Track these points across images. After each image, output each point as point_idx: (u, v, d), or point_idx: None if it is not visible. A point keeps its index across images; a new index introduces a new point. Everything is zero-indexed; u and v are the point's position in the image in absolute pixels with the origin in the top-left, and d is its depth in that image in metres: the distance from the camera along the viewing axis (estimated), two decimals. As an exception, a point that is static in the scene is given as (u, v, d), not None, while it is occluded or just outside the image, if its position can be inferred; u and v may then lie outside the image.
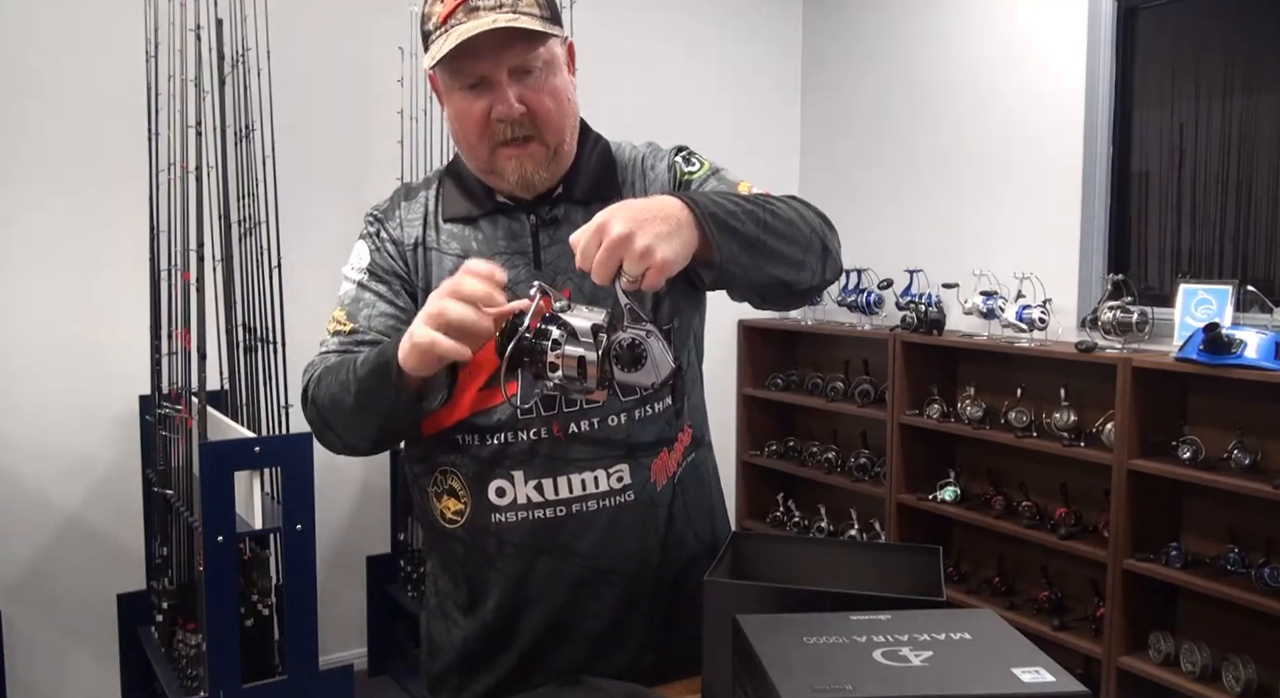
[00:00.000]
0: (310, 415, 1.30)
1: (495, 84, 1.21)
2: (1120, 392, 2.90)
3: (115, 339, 3.14)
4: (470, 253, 1.31)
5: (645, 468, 1.33)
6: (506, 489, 1.29)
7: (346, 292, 1.35)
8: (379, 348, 1.19)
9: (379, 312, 1.32)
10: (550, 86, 1.24)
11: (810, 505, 4.18)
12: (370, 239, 1.36)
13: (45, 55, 3.03)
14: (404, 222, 1.35)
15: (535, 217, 1.31)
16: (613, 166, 1.36)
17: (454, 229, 1.33)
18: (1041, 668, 0.95)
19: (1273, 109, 2.99)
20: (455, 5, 1.20)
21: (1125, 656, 2.95)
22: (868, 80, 4.11)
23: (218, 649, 2.30)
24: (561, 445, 1.28)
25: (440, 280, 1.23)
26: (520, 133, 1.23)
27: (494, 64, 1.20)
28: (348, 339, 1.31)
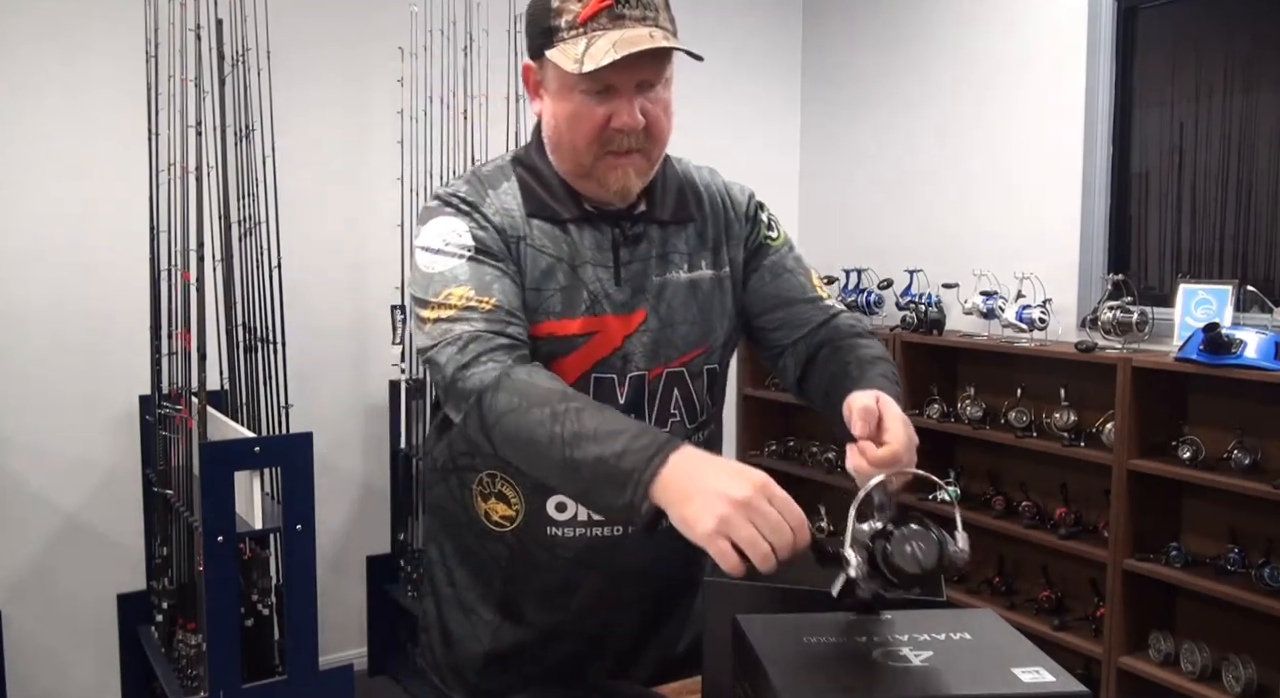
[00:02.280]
0: (471, 423, 1.14)
1: (621, 93, 1.20)
2: (1120, 392, 2.90)
3: (115, 339, 3.14)
4: (563, 257, 1.26)
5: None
6: (568, 505, 1.29)
7: (453, 267, 1.21)
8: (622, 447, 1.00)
9: (509, 290, 1.21)
10: (665, 102, 1.25)
11: (810, 505, 4.18)
12: (467, 218, 1.25)
13: (45, 55, 3.02)
14: (500, 211, 1.27)
15: (619, 230, 1.29)
16: (684, 188, 1.35)
17: (544, 227, 1.27)
18: (1041, 668, 0.95)
19: (1273, 109, 2.99)
20: (600, 7, 1.18)
21: (1125, 656, 2.95)
22: (867, 80, 4.11)
23: (218, 649, 2.30)
24: None
25: (534, 280, 1.24)
26: (632, 145, 1.22)
27: (629, 75, 1.19)
28: (494, 314, 1.17)
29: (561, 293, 1.25)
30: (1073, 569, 3.24)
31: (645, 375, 1.28)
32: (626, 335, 1.27)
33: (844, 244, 4.18)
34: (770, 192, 4.77)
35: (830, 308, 1.38)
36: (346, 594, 3.55)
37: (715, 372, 1.35)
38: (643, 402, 1.28)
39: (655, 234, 1.30)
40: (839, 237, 4.24)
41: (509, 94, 3.11)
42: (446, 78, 3.31)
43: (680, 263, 1.31)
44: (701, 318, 1.32)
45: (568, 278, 1.26)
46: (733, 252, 1.36)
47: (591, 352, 1.26)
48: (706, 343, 1.33)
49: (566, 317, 1.25)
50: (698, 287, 1.32)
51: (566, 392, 1.11)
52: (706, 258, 1.33)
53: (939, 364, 3.65)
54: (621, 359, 1.27)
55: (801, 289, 1.38)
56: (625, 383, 1.27)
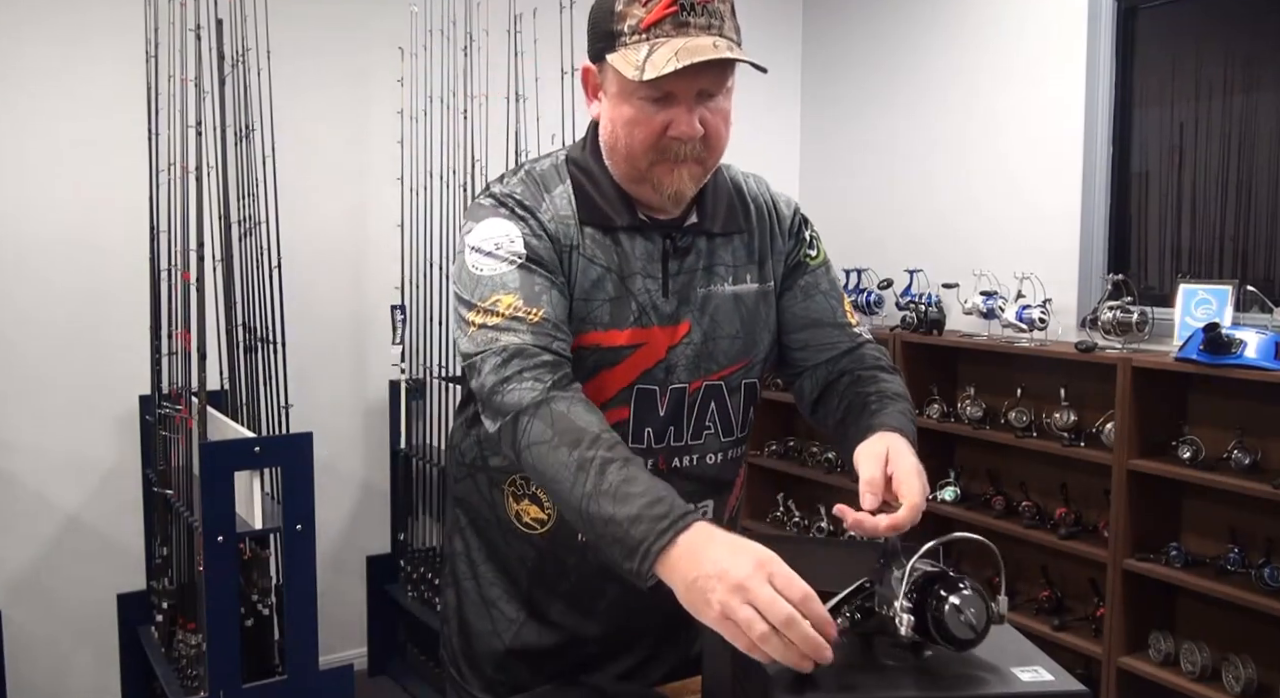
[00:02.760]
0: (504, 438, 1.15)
1: (680, 102, 1.18)
2: (1120, 392, 2.90)
3: (115, 339, 3.14)
4: (613, 267, 1.24)
5: (724, 503, 1.37)
6: None
7: (503, 273, 1.19)
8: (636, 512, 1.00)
9: (557, 301, 1.20)
10: (724, 112, 1.24)
11: (810, 505, 4.17)
12: (521, 223, 1.23)
13: (45, 55, 3.03)
14: (555, 217, 1.25)
15: (670, 241, 1.28)
16: (734, 198, 1.35)
17: (596, 235, 1.26)
18: (1041, 668, 0.95)
19: (1273, 109, 2.99)
20: (663, 13, 1.16)
21: (1125, 656, 2.95)
22: (867, 80, 4.11)
23: (218, 649, 2.30)
24: (663, 476, 1.23)
25: (584, 291, 1.23)
26: (689, 154, 1.21)
27: (689, 84, 1.17)
28: (541, 327, 1.16)
29: (610, 304, 1.24)
30: (1073, 569, 3.24)
31: (686, 388, 1.28)
32: (671, 347, 1.27)
33: (844, 244, 4.17)
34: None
35: (858, 336, 1.38)
36: (346, 594, 3.55)
37: (754, 386, 1.35)
38: (682, 413, 1.29)
39: (703, 246, 1.30)
40: (839, 236, 4.23)
41: (509, 94, 3.11)
42: (446, 78, 3.31)
43: (726, 276, 1.31)
44: (745, 332, 1.32)
45: (617, 289, 1.25)
46: (776, 266, 1.36)
47: (637, 363, 1.26)
48: (748, 357, 1.33)
49: (615, 328, 1.25)
50: (742, 300, 1.32)
51: (600, 435, 1.09)
52: (752, 271, 1.33)
53: (939, 364, 3.65)
54: (665, 371, 1.27)
55: (832, 313, 1.38)
56: (666, 394, 1.27)
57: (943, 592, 0.95)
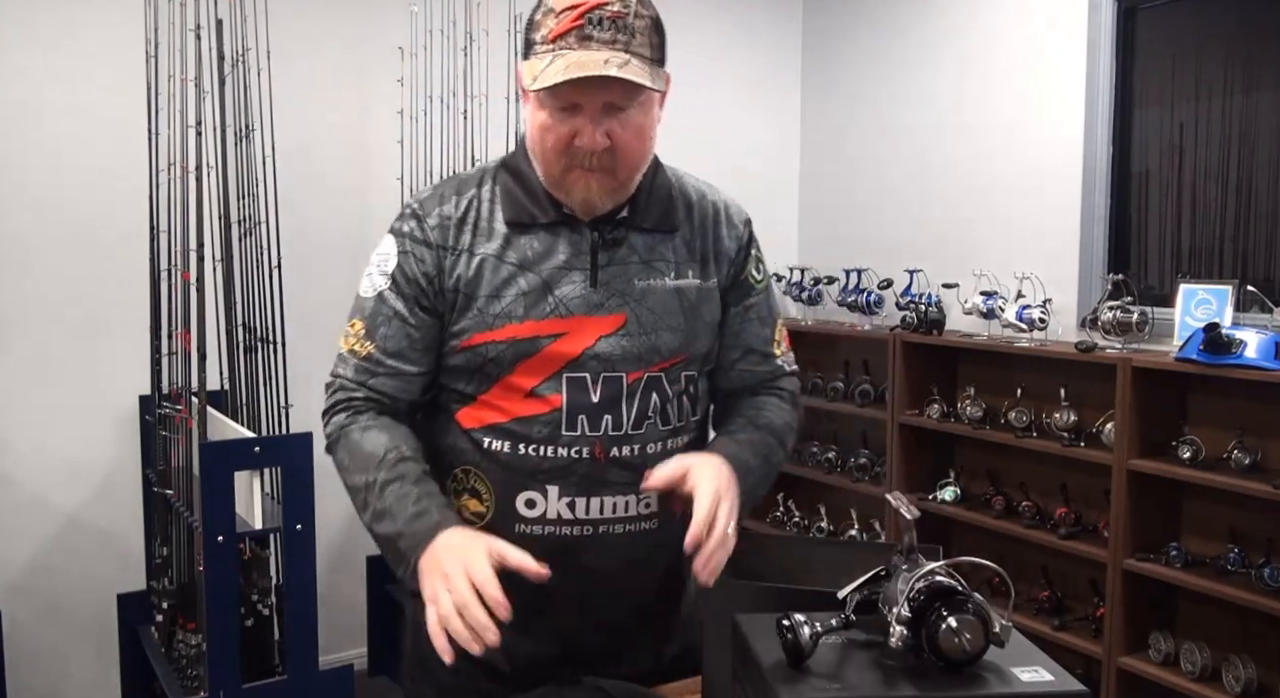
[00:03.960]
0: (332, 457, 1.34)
1: (585, 114, 1.21)
2: (1120, 392, 2.90)
3: (115, 339, 3.14)
4: (526, 265, 1.29)
5: (670, 497, 1.33)
6: (538, 502, 1.29)
7: (367, 297, 1.33)
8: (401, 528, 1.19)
9: (394, 333, 1.31)
10: (637, 125, 1.25)
11: (810, 506, 4.18)
12: (401, 239, 1.32)
13: (45, 55, 3.03)
14: (444, 221, 1.31)
15: (598, 234, 1.30)
16: (673, 199, 1.36)
17: (510, 235, 1.30)
18: (1041, 668, 0.95)
19: (1273, 109, 2.99)
20: (569, 27, 1.19)
21: (1125, 656, 2.95)
22: (868, 80, 4.11)
23: (218, 649, 2.30)
24: (600, 467, 1.29)
25: (493, 288, 1.28)
26: (598, 164, 1.23)
27: (592, 96, 1.20)
28: (364, 363, 1.32)
29: (524, 297, 1.28)
30: (1073, 569, 3.24)
31: (623, 378, 1.29)
32: (603, 336, 1.28)
33: (844, 244, 4.18)
34: (770, 192, 4.77)
35: (779, 369, 1.44)
36: (346, 594, 3.55)
37: (694, 378, 1.36)
38: (619, 403, 1.29)
39: (639, 241, 1.32)
40: (839, 236, 4.24)
41: (509, 94, 3.11)
42: (446, 78, 3.31)
43: (666, 270, 1.32)
44: (685, 325, 1.33)
45: (530, 283, 1.28)
46: (721, 268, 1.38)
47: (560, 352, 1.27)
48: (688, 351, 1.33)
49: (530, 319, 1.27)
50: (684, 294, 1.33)
51: (385, 456, 1.25)
52: (694, 268, 1.35)
53: (939, 364, 3.65)
54: (595, 360, 1.28)
55: (764, 341, 1.42)
56: (599, 383, 1.28)
57: (944, 610, 0.94)
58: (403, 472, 1.23)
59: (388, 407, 1.32)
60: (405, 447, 1.27)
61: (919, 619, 0.95)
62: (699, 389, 1.38)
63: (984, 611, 0.95)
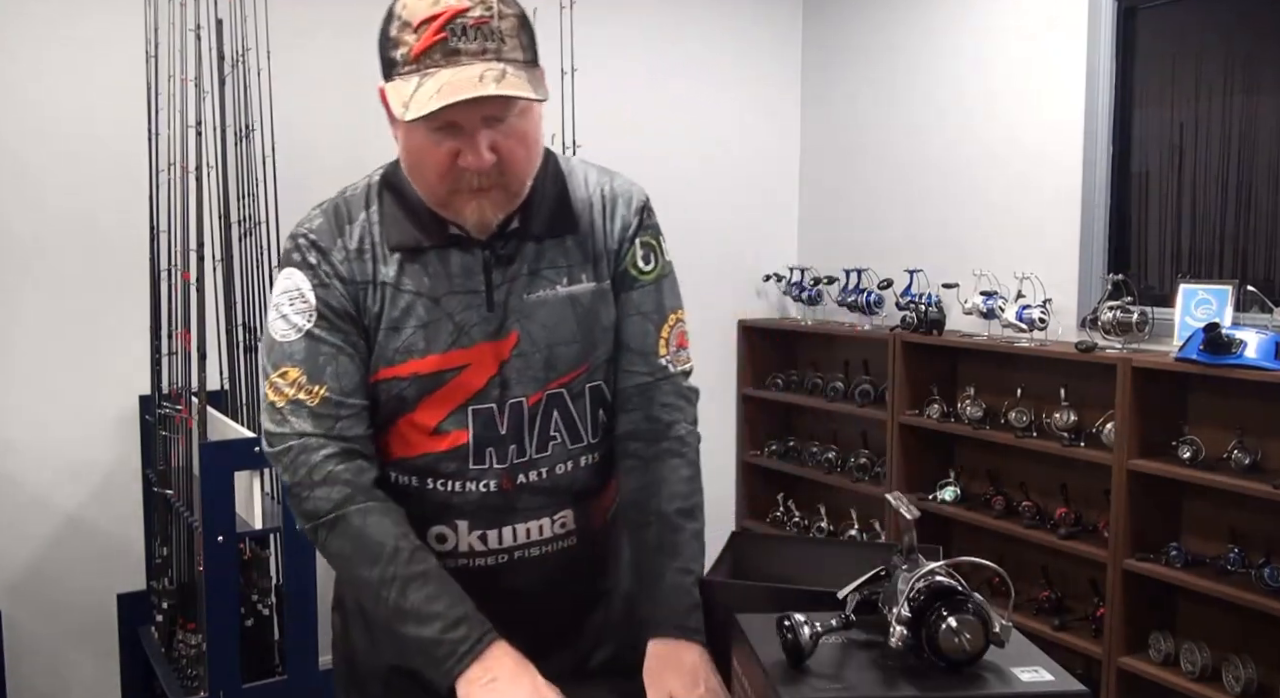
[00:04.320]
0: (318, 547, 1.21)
1: (466, 132, 1.11)
2: (1120, 392, 2.90)
3: (115, 339, 3.14)
4: (423, 291, 1.20)
5: (587, 511, 1.31)
6: (448, 537, 1.26)
7: (291, 341, 1.20)
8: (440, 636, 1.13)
9: (344, 369, 1.20)
10: (521, 132, 1.15)
11: (810, 506, 4.18)
12: (311, 272, 1.21)
13: (45, 55, 3.03)
14: (350, 255, 1.21)
15: (489, 251, 1.22)
16: (568, 198, 1.27)
17: (405, 260, 1.21)
18: (1041, 668, 0.95)
19: (1273, 109, 2.99)
20: (431, 41, 1.09)
21: (1125, 656, 2.95)
22: (868, 80, 4.11)
23: (218, 649, 2.30)
24: (509, 496, 1.25)
25: (391, 320, 1.20)
26: (485, 182, 1.15)
27: (469, 113, 1.10)
28: (322, 409, 1.19)
29: (425, 329, 1.20)
30: (1073, 569, 3.24)
31: (524, 402, 1.23)
32: (503, 362, 1.22)
33: (844, 244, 4.18)
34: (770, 192, 4.76)
35: (661, 370, 1.30)
36: (346, 594, 3.55)
37: (600, 389, 1.29)
38: (523, 429, 1.23)
39: (530, 250, 1.23)
40: (839, 236, 4.24)
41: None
42: (446, 78, 3.30)
43: (557, 278, 1.24)
44: (582, 335, 1.25)
45: (430, 312, 1.20)
46: (610, 263, 1.29)
47: (464, 385, 1.21)
48: (588, 361, 1.27)
49: (432, 353, 1.20)
50: (577, 301, 1.25)
51: (398, 549, 1.16)
52: (587, 271, 1.26)
53: (939, 364, 3.65)
54: (499, 387, 1.22)
55: (643, 338, 1.30)
56: (505, 411, 1.23)
57: (944, 610, 0.94)
58: (423, 568, 1.16)
59: (366, 456, 1.21)
60: (411, 535, 1.19)
61: (919, 619, 0.95)
62: (605, 395, 1.31)
63: (984, 611, 0.95)
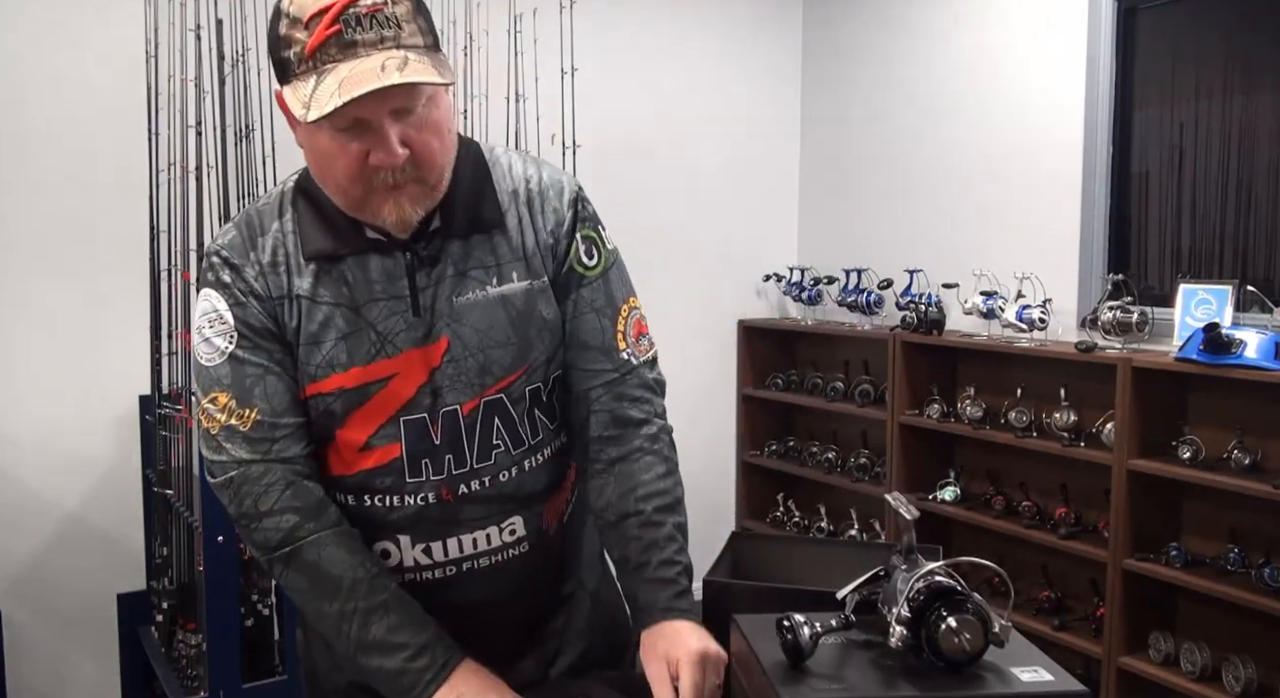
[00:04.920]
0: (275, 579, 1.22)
1: (374, 128, 1.07)
2: (1120, 392, 2.90)
3: (115, 339, 3.14)
4: (342, 301, 1.15)
5: (538, 515, 1.26)
6: (391, 552, 1.22)
7: (216, 365, 1.17)
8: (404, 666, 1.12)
9: (273, 388, 1.16)
10: (433, 122, 1.11)
11: (810, 506, 4.18)
12: (226, 292, 1.17)
13: (45, 55, 3.02)
14: (264, 269, 1.17)
15: (411, 254, 1.17)
16: (492, 191, 1.22)
17: (321, 270, 1.17)
18: (1041, 668, 0.95)
19: (1273, 109, 2.99)
20: (325, 35, 1.04)
21: (1125, 656, 2.95)
22: (867, 80, 4.11)
23: (218, 649, 2.30)
24: (451, 508, 1.20)
25: (310, 335, 1.15)
26: (401, 178, 1.10)
27: (375, 108, 1.06)
28: (255, 433, 1.15)
29: (345, 341, 1.16)
30: (1073, 569, 3.24)
31: (458, 410, 1.18)
32: (433, 369, 1.17)
33: (844, 244, 4.18)
34: (770, 192, 4.75)
35: (625, 363, 1.25)
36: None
37: (539, 391, 1.23)
38: (460, 438, 1.18)
39: (456, 250, 1.18)
40: (839, 236, 4.24)
41: (509, 94, 3.10)
42: (446, 78, 3.30)
43: (486, 278, 1.19)
44: (517, 336, 1.19)
45: (350, 323, 1.16)
46: (546, 260, 1.23)
47: (392, 397, 1.16)
48: (525, 363, 1.21)
49: (355, 365, 1.16)
50: (509, 302, 1.20)
51: (356, 581, 1.14)
52: (518, 269, 1.21)
53: (939, 364, 3.65)
54: (431, 395, 1.17)
55: (600, 334, 1.25)
56: (439, 420, 1.18)
57: (944, 610, 0.94)
58: (383, 600, 1.14)
59: (308, 475, 1.18)
60: (369, 561, 1.17)
61: (919, 619, 0.95)
62: (554, 397, 1.26)
63: (984, 611, 0.95)
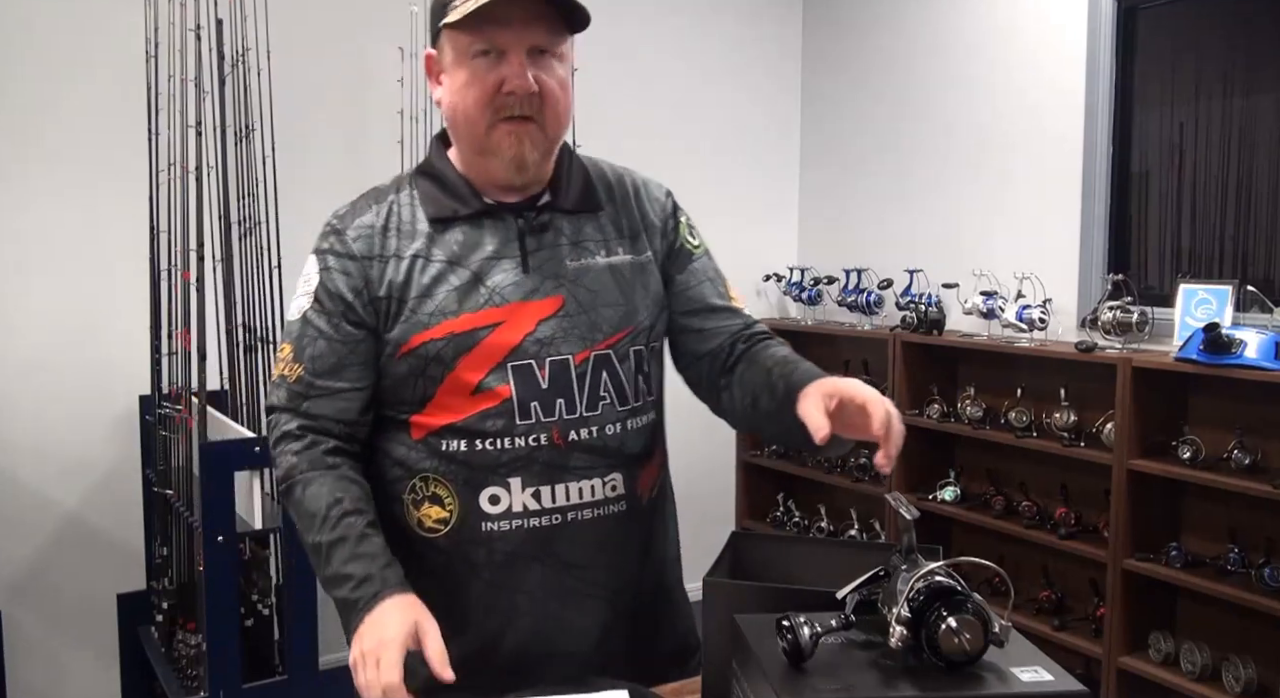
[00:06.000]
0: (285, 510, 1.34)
1: (511, 57, 1.21)
2: (1120, 392, 2.90)
3: (115, 339, 3.14)
4: (455, 260, 1.27)
5: (635, 479, 1.33)
6: (501, 497, 1.27)
7: (292, 321, 1.34)
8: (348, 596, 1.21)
9: (320, 352, 1.30)
10: (560, 77, 1.25)
11: (810, 506, 4.18)
12: (321, 258, 1.32)
13: (45, 55, 3.02)
14: (369, 231, 1.30)
15: (523, 220, 1.30)
16: (591, 181, 1.36)
17: (434, 233, 1.29)
18: (1041, 668, 0.95)
19: (1273, 109, 2.99)
20: None
21: (1125, 656, 2.95)
22: (868, 80, 4.11)
23: (218, 649, 2.30)
24: (561, 453, 1.27)
25: (422, 288, 1.27)
26: (525, 111, 1.23)
27: (517, 37, 1.20)
28: (295, 387, 1.30)
29: (457, 291, 1.27)
30: (1073, 569, 3.24)
31: (570, 359, 1.28)
32: (542, 320, 1.28)
33: (844, 244, 4.18)
34: (770, 192, 4.75)
35: (747, 317, 1.41)
36: (346, 594, 3.55)
37: (642, 353, 1.34)
38: (570, 385, 1.28)
39: (564, 224, 1.32)
40: (839, 236, 4.24)
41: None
42: (446, 78, 3.30)
43: (596, 249, 1.33)
44: (624, 300, 1.32)
45: (462, 277, 1.27)
46: (653, 241, 1.38)
47: (500, 342, 1.26)
48: (631, 324, 1.33)
49: (465, 312, 1.26)
50: (618, 270, 1.33)
51: (328, 517, 1.22)
52: (624, 245, 1.35)
53: (939, 364, 3.65)
54: (537, 345, 1.27)
55: (720, 297, 1.41)
56: (545, 367, 1.27)
57: (944, 610, 0.94)
58: (344, 533, 1.22)
59: (327, 432, 1.29)
60: (346, 498, 1.24)
61: (919, 619, 0.95)
62: (652, 368, 1.37)
63: (983, 611, 0.95)
